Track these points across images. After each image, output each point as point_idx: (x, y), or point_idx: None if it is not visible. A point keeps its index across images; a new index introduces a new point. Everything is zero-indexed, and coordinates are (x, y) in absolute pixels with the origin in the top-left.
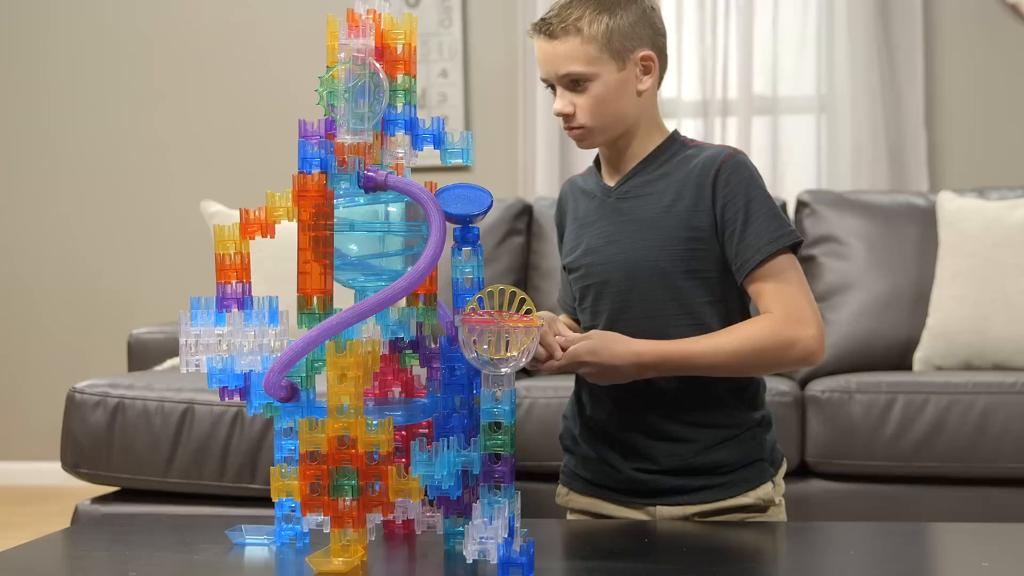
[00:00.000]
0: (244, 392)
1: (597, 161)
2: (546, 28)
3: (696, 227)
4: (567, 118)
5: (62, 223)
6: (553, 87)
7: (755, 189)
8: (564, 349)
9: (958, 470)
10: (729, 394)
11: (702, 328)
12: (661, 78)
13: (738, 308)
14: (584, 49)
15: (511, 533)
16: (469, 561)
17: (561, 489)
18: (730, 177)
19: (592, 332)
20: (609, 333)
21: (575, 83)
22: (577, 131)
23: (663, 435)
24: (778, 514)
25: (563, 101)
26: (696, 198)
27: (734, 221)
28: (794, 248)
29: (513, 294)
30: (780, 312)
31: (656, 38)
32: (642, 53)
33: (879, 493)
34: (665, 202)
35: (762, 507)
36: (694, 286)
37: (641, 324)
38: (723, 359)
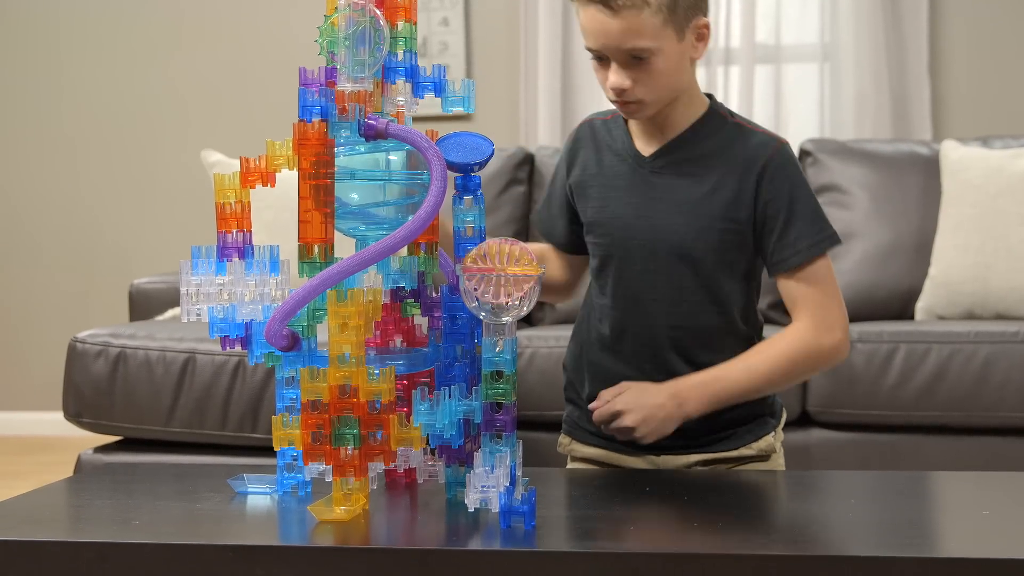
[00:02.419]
0: (245, 341)
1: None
2: (609, 3)
3: (734, 219)
4: (621, 91)
5: (62, 173)
6: (601, 58)
7: (800, 187)
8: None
9: (959, 419)
10: (744, 341)
11: (725, 313)
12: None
13: (757, 288)
14: (650, 22)
15: (513, 482)
16: (471, 510)
17: (564, 439)
18: (776, 173)
19: (623, 385)
20: (636, 385)
21: (635, 57)
22: (632, 105)
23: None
24: (777, 462)
25: (620, 76)
26: (738, 191)
27: (775, 219)
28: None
29: (513, 243)
30: (808, 321)
31: (707, 3)
32: (701, 20)
33: (880, 442)
34: (705, 188)
35: (763, 457)
36: (724, 274)
37: (665, 307)
38: (758, 384)
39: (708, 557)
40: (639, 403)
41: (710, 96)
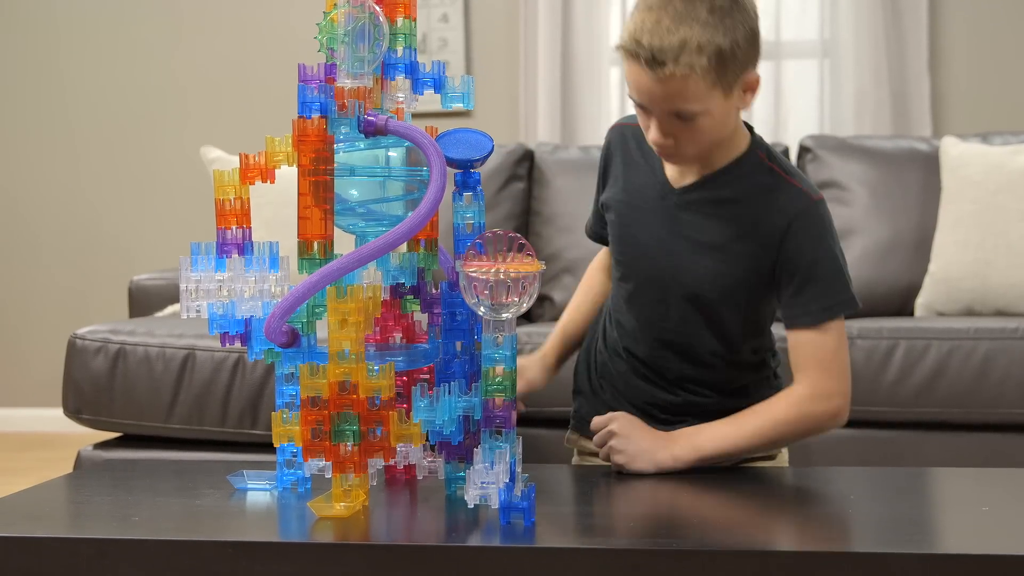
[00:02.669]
0: (245, 338)
1: None
2: (649, 59)
3: (755, 269)
4: (666, 147)
5: (62, 169)
6: (644, 106)
7: (823, 249)
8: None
9: (959, 416)
10: (751, 368)
11: (731, 348)
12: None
13: (771, 316)
14: (696, 87)
15: (512, 478)
16: (471, 506)
17: (572, 434)
18: (801, 232)
19: (611, 416)
20: (628, 423)
21: (679, 116)
22: (673, 156)
23: (684, 403)
24: (782, 460)
25: (660, 133)
26: (763, 245)
27: (793, 276)
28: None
29: (513, 239)
30: (807, 386)
31: (759, 48)
32: (752, 76)
33: (880, 438)
34: (730, 233)
35: (769, 456)
36: (735, 317)
37: (673, 338)
38: (745, 443)
39: (707, 553)
40: (628, 441)
41: (750, 129)
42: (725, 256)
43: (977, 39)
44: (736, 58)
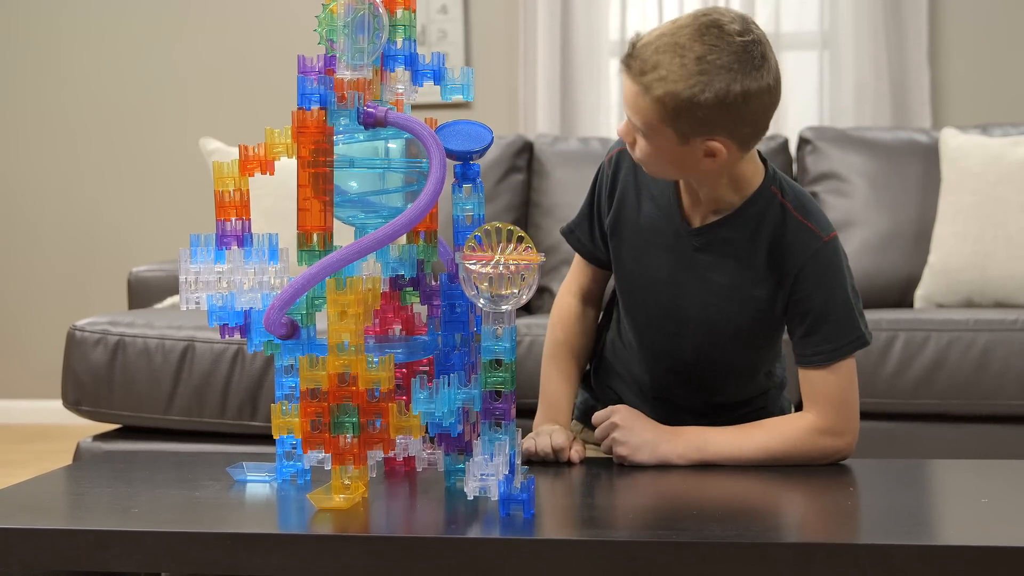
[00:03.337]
0: (244, 329)
1: None
2: (626, 57)
3: (769, 309)
4: (628, 144)
5: (62, 161)
6: None
7: (835, 290)
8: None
9: (958, 407)
10: (762, 384)
11: (743, 374)
12: (752, 146)
13: (780, 350)
14: (647, 110)
15: (512, 470)
16: (470, 498)
17: (576, 425)
18: (812, 274)
19: (617, 408)
20: (631, 415)
21: (635, 124)
22: (637, 159)
23: (690, 409)
24: None
25: (626, 128)
26: (777, 285)
27: (804, 318)
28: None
29: (511, 231)
30: (819, 418)
31: (740, 129)
32: (712, 144)
33: (879, 430)
34: (745, 275)
35: None
36: (748, 352)
37: (684, 369)
38: (749, 451)
39: (706, 546)
40: (631, 432)
41: (765, 161)
42: (742, 296)
43: (977, 31)
44: (693, 114)
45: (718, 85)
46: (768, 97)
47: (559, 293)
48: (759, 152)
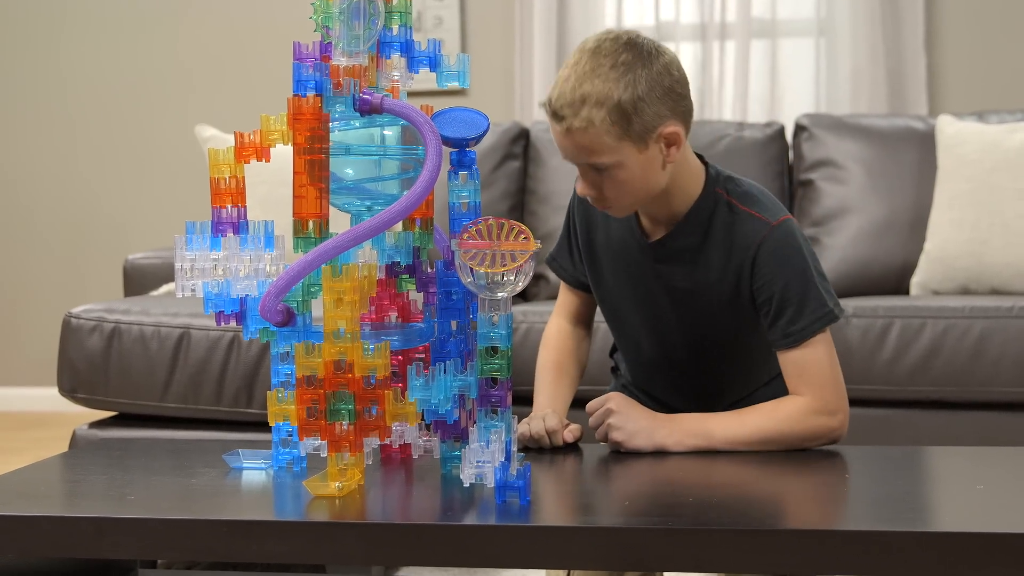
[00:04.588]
0: (240, 317)
1: None
2: (552, 114)
3: (738, 304)
4: (593, 198)
5: (57, 148)
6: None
7: (790, 270)
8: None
9: (954, 394)
10: (767, 373)
11: (735, 369)
12: (688, 129)
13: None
14: (601, 141)
15: (508, 457)
16: (466, 485)
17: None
18: (766, 261)
19: (611, 395)
20: (625, 402)
21: (597, 168)
22: (607, 207)
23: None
24: None
25: (585, 185)
26: (738, 278)
27: (768, 303)
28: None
29: (512, 227)
30: (809, 399)
31: (678, 105)
32: (666, 130)
33: (875, 417)
34: (709, 277)
35: None
36: (731, 350)
37: (675, 377)
38: (746, 433)
39: (703, 532)
40: (627, 419)
41: (705, 163)
42: (708, 299)
43: (973, 17)
44: (640, 112)
45: (642, 72)
46: (678, 67)
47: (549, 320)
48: (701, 156)
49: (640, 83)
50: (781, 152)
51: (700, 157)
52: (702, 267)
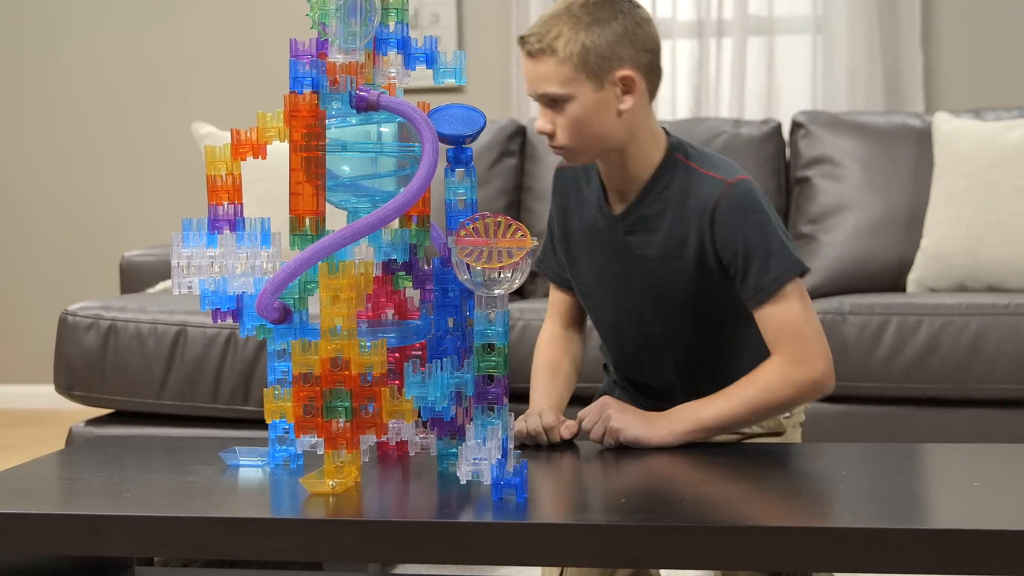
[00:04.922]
0: (237, 314)
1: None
2: (525, 45)
3: (706, 267)
4: (548, 136)
5: (54, 145)
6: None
7: (750, 226)
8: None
9: (950, 391)
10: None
11: (720, 342)
12: (654, 92)
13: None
14: (559, 70)
15: (505, 454)
16: (463, 482)
17: None
18: (723, 217)
19: (605, 399)
20: (620, 403)
21: (553, 102)
22: (558, 150)
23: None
24: (793, 436)
25: (543, 119)
26: (700, 241)
27: (733, 262)
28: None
29: (510, 225)
30: (784, 355)
31: (640, 55)
32: (621, 74)
33: (871, 414)
34: (673, 242)
35: (774, 435)
36: (711, 316)
37: (663, 352)
38: (737, 412)
39: (699, 529)
40: (624, 412)
41: (668, 134)
42: (676, 265)
43: (970, 15)
44: (598, 49)
45: (612, 17)
46: (652, 28)
47: (542, 326)
48: (664, 129)
49: (606, 26)
50: (778, 149)
51: (666, 132)
52: (665, 232)
